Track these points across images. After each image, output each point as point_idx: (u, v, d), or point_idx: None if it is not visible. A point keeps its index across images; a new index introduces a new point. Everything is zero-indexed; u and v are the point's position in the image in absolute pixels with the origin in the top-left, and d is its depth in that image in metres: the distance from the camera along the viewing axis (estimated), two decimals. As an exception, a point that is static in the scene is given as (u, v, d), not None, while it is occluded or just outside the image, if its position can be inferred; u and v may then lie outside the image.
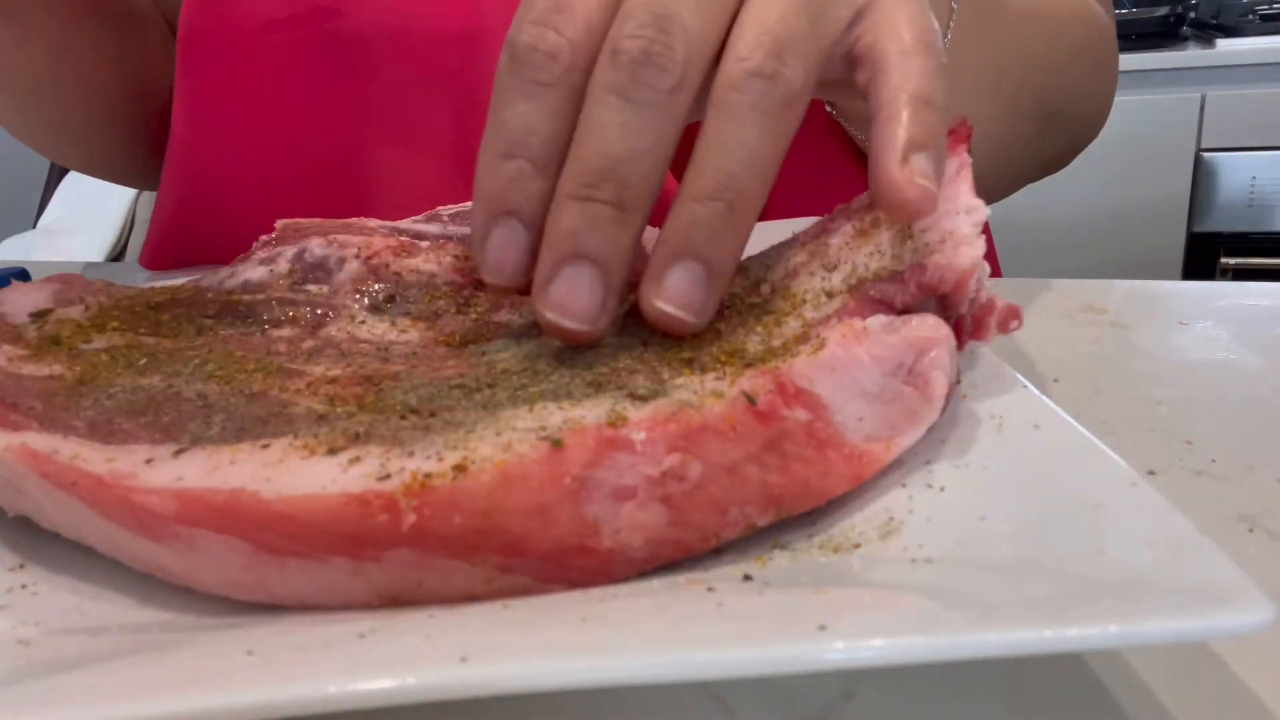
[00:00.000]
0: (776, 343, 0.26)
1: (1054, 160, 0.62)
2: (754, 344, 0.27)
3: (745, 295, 0.29)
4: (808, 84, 0.26)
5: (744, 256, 0.32)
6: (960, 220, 0.26)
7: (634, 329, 0.29)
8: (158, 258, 0.65)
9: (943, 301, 0.26)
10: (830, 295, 0.27)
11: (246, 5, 0.59)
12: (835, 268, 0.28)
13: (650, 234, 0.40)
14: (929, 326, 0.25)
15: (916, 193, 0.25)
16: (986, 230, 0.27)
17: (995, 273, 0.67)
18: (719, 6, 0.26)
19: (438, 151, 0.58)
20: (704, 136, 0.26)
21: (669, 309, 0.26)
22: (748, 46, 0.26)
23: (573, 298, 0.25)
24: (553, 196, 0.26)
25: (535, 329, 0.32)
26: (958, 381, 0.26)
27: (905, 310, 0.26)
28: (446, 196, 0.49)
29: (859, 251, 0.27)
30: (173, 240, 0.65)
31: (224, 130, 0.61)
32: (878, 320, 0.25)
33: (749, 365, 0.25)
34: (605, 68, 0.26)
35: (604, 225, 0.25)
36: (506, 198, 0.27)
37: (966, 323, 0.27)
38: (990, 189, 0.60)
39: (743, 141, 0.25)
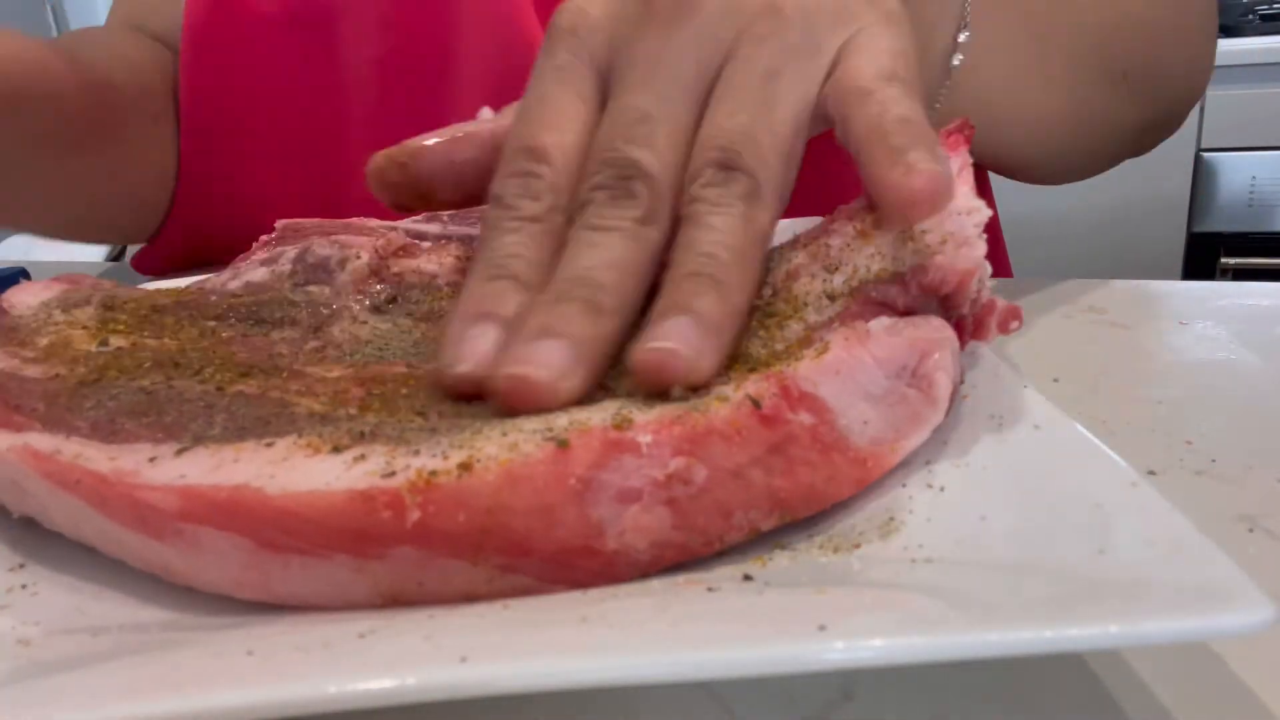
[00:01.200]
0: (779, 346, 0.26)
1: (1142, 131, 0.55)
2: (756, 347, 0.27)
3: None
4: (771, 172, 0.27)
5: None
6: (961, 221, 0.26)
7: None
8: (148, 263, 0.65)
9: (944, 302, 0.26)
10: (832, 297, 0.27)
11: (248, 4, 0.59)
12: (836, 269, 0.28)
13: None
14: (932, 328, 0.25)
15: (923, 181, 0.25)
16: (997, 230, 0.27)
17: (1007, 272, 0.65)
18: (678, 132, 0.28)
19: None
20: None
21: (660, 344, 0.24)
22: (698, 161, 0.27)
23: (535, 354, 0.24)
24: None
25: None
26: (961, 382, 0.26)
27: (907, 312, 0.26)
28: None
29: (860, 253, 0.27)
30: (168, 246, 0.65)
31: (227, 130, 0.61)
32: (880, 322, 0.25)
33: (753, 369, 0.25)
34: (580, 213, 0.27)
35: (575, 318, 0.25)
36: (485, 306, 0.26)
37: (967, 323, 0.27)
38: (1070, 165, 0.55)
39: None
